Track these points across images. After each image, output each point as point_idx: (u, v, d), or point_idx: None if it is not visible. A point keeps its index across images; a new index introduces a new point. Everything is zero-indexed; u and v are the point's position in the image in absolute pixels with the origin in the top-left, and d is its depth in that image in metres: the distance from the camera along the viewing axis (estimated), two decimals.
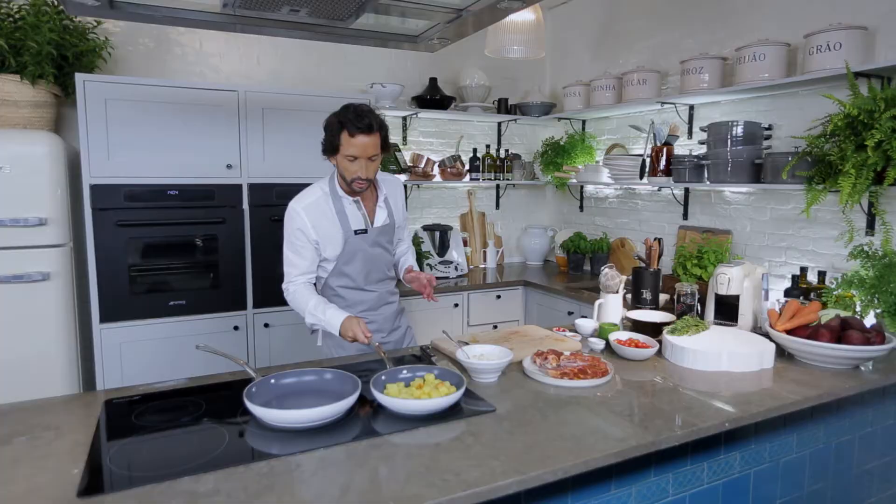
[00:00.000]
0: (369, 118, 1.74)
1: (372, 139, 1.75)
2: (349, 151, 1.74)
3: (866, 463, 1.84)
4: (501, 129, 3.98)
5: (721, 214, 2.93)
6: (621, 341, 1.83)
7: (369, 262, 1.95)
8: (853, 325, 1.73)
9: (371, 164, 1.78)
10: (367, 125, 1.72)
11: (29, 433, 1.27)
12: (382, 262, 2.01)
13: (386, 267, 2.04)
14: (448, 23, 1.59)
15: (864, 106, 1.98)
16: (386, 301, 2.06)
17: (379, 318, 2.03)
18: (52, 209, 2.28)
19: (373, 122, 1.74)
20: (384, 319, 2.05)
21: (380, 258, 1.99)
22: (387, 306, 2.06)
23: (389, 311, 2.07)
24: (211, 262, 2.65)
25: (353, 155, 1.74)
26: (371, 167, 1.79)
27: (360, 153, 1.74)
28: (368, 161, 1.77)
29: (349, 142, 1.73)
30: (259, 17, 1.53)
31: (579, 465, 1.15)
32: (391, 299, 2.08)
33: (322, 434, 1.25)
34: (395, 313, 2.10)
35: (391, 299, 2.08)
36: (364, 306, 1.99)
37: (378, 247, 1.97)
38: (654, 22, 3.28)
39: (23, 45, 2.35)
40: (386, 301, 2.06)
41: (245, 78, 3.21)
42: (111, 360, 2.50)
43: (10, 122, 2.43)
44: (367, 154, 1.75)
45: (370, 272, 1.97)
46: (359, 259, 1.93)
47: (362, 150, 1.74)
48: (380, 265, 2.00)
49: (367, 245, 1.92)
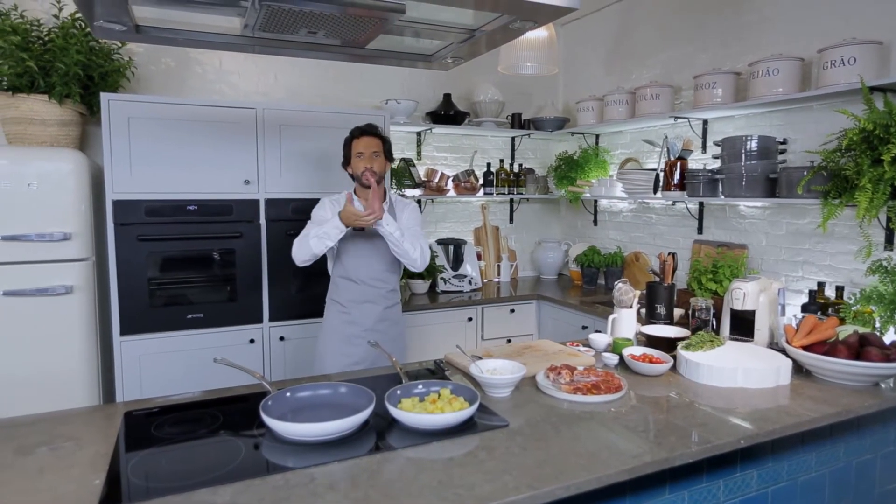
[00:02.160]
0: (370, 126, 2.20)
1: (373, 139, 2.17)
2: (357, 150, 2.16)
3: (889, 483, 1.80)
4: (515, 143, 4.01)
5: (736, 228, 2.91)
6: (635, 356, 1.83)
7: (360, 258, 2.20)
8: (872, 342, 1.70)
9: (375, 159, 2.14)
10: (367, 129, 2.18)
11: (52, 443, 1.30)
12: (374, 262, 2.20)
13: (378, 268, 2.22)
14: (461, 42, 1.62)
15: (880, 120, 1.97)
16: (370, 300, 2.23)
17: (358, 313, 2.22)
18: (76, 224, 2.34)
19: (373, 128, 2.19)
20: (363, 317, 2.22)
21: (371, 257, 2.20)
22: (370, 305, 2.23)
23: (372, 312, 2.23)
24: (228, 275, 2.69)
25: (359, 152, 2.15)
26: (375, 162, 2.14)
27: (364, 149, 2.15)
28: (373, 156, 2.14)
29: (356, 143, 2.17)
30: (277, 38, 1.57)
31: (592, 481, 1.15)
32: (379, 302, 2.24)
33: (337, 447, 1.27)
34: (381, 317, 2.24)
35: (379, 302, 2.24)
36: (349, 296, 2.23)
37: (372, 246, 2.19)
38: (666, 37, 3.29)
39: (51, 66, 2.44)
40: (370, 300, 2.23)
41: (263, 95, 3.28)
42: (131, 372, 2.55)
43: (38, 139, 2.51)
44: (370, 150, 2.14)
45: (360, 267, 2.20)
46: (351, 250, 2.20)
47: (366, 146, 2.15)
48: (372, 264, 2.20)
49: (361, 242, 2.19)
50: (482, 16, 1.43)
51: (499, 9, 1.33)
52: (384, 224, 2.03)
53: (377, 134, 2.19)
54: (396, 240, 2.07)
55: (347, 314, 2.23)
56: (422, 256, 2.15)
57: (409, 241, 2.10)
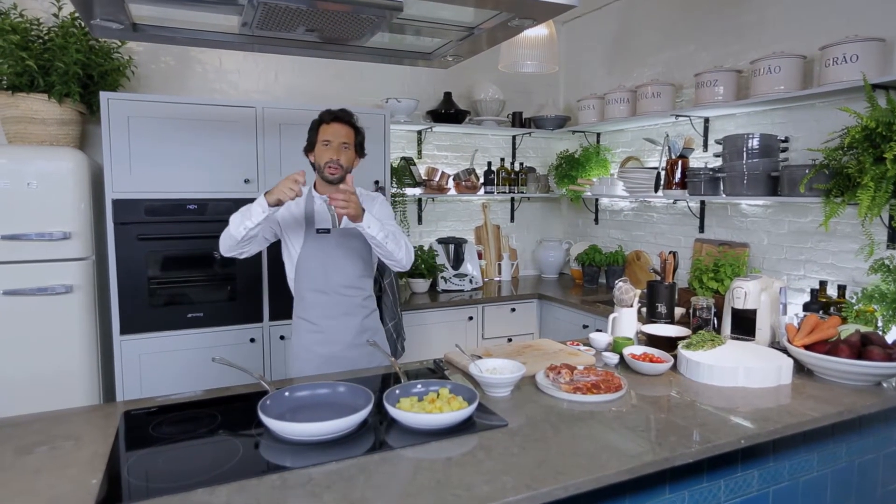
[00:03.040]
0: (343, 112, 1.94)
1: (344, 127, 1.91)
2: (324, 137, 1.90)
3: (892, 483, 1.79)
4: (516, 142, 4.00)
5: (738, 227, 2.90)
6: (636, 356, 1.82)
7: (330, 264, 1.94)
8: (874, 341, 1.69)
9: (344, 152, 1.90)
10: (339, 115, 1.92)
11: (50, 443, 1.30)
12: (347, 267, 1.96)
13: (352, 275, 1.97)
14: (461, 40, 1.61)
15: (883, 118, 1.96)
16: (346, 312, 1.96)
17: (335, 327, 1.95)
18: (75, 223, 2.34)
19: (346, 115, 1.93)
20: (342, 330, 1.96)
21: (343, 262, 1.95)
22: (346, 318, 1.96)
23: (351, 324, 1.97)
24: (228, 274, 2.69)
25: (326, 139, 1.89)
26: (343, 154, 1.90)
27: (332, 138, 1.89)
28: (341, 147, 1.90)
29: (324, 130, 1.91)
30: (276, 37, 1.57)
31: (591, 481, 1.14)
32: (356, 312, 1.99)
33: (335, 447, 1.26)
34: (360, 329, 1.99)
35: (356, 312, 1.99)
36: (320, 311, 1.95)
37: (343, 249, 1.95)
38: (667, 35, 3.28)
39: (51, 65, 2.44)
40: (346, 312, 1.96)
41: (263, 94, 3.28)
42: (130, 371, 2.55)
43: (38, 139, 2.51)
44: (339, 140, 1.89)
45: (331, 274, 1.94)
46: (318, 258, 1.94)
47: (334, 135, 1.89)
48: (343, 269, 1.95)
49: (329, 246, 1.94)
50: (481, 13, 1.42)
51: (497, 6, 1.33)
52: (365, 225, 1.75)
53: (350, 122, 1.93)
54: (380, 241, 1.78)
55: (321, 332, 1.95)
56: (407, 255, 1.89)
57: (392, 240, 1.82)
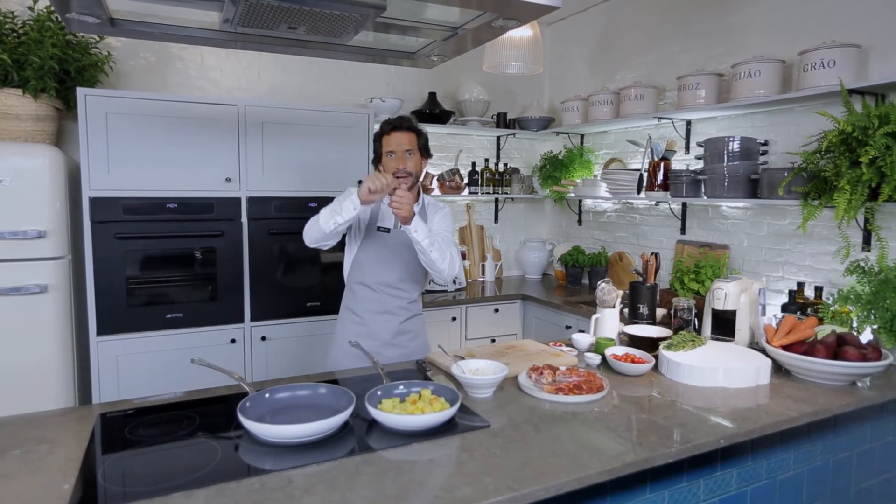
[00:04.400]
0: (402, 119, 2.02)
1: (405, 135, 1.97)
2: (388, 148, 1.97)
3: (865, 480, 1.83)
4: (500, 143, 4.01)
5: (718, 229, 2.94)
6: (617, 356, 1.83)
7: (381, 262, 2.03)
8: (849, 342, 1.73)
9: (409, 158, 1.96)
10: (398, 123, 1.99)
11: (21, 447, 1.27)
12: (397, 268, 2.04)
13: (400, 276, 2.05)
14: (445, 40, 1.60)
15: (859, 122, 2.00)
16: (389, 311, 2.05)
17: (375, 323, 2.04)
18: (51, 222, 2.29)
19: (405, 122, 2.00)
20: (382, 327, 2.04)
21: (394, 262, 2.03)
22: (388, 316, 2.05)
23: (391, 323, 2.05)
24: (209, 274, 2.65)
25: (390, 150, 1.96)
26: (409, 161, 1.96)
27: (395, 147, 1.95)
28: (405, 154, 1.96)
29: (387, 141, 1.98)
30: (258, 34, 1.55)
31: (573, 481, 1.14)
32: (398, 313, 2.06)
33: (315, 449, 1.25)
34: (399, 330, 2.06)
35: (398, 313, 2.06)
36: (366, 305, 2.05)
37: (398, 250, 2.02)
38: (651, 38, 3.31)
39: (26, 59, 2.38)
40: (389, 311, 2.05)
41: (246, 92, 3.24)
42: (108, 372, 2.50)
43: (12, 135, 2.45)
44: (402, 147, 1.95)
45: (380, 272, 2.03)
46: (372, 254, 2.03)
47: (397, 144, 1.95)
48: (393, 269, 2.03)
49: (386, 245, 2.03)
50: (465, 13, 1.42)
51: (481, 6, 1.32)
52: (412, 229, 1.81)
53: (411, 128, 1.98)
54: (425, 248, 1.83)
55: (364, 325, 2.04)
56: (450, 267, 1.91)
57: (437, 249, 1.86)
